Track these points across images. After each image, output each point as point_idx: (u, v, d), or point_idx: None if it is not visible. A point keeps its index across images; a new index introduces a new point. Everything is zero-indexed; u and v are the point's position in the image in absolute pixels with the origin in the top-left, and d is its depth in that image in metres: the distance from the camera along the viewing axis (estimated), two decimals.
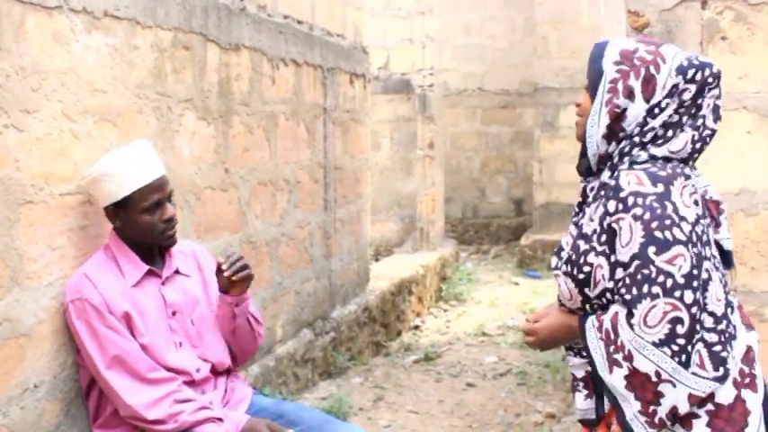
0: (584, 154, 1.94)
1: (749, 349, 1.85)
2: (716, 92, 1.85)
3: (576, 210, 2.00)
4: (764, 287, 2.73)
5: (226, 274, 2.60)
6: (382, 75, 8.11)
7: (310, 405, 3.91)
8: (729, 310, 1.83)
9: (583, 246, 1.86)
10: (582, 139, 1.92)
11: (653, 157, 1.83)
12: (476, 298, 7.85)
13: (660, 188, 1.76)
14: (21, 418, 2.38)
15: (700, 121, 1.84)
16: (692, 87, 1.82)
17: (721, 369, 1.76)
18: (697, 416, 1.77)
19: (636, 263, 1.74)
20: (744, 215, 2.70)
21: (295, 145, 4.60)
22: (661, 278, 1.71)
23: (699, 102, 1.83)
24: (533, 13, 9.95)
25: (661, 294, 1.71)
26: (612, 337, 1.78)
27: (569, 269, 1.87)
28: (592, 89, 1.88)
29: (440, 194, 8.66)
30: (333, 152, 5.22)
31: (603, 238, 1.81)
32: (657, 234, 1.72)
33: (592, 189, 1.93)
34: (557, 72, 9.51)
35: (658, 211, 1.74)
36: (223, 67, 3.72)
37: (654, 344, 1.71)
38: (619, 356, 1.76)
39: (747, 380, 1.80)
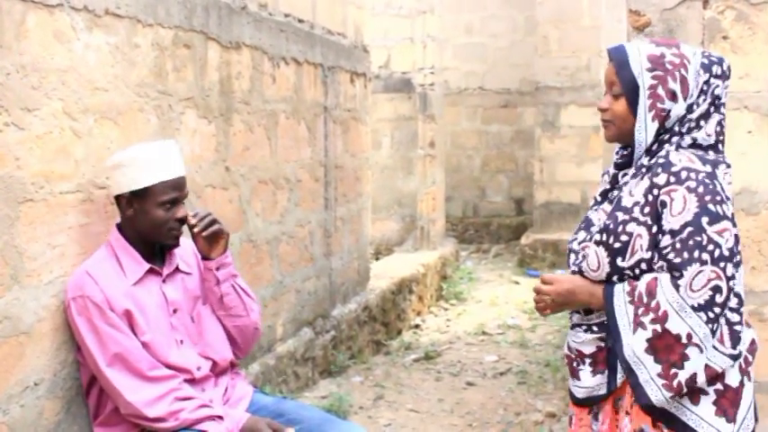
0: (622, 148, 2.09)
1: (753, 341, 1.99)
2: (728, 82, 2.04)
3: (598, 198, 2.12)
4: (764, 287, 2.73)
5: (195, 230, 2.62)
6: (383, 74, 8.11)
7: (310, 404, 3.91)
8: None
9: (621, 216, 1.94)
10: (614, 140, 2.07)
11: (694, 141, 1.98)
12: (476, 297, 7.85)
13: (709, 168, 1.92)
14: (21, 416, 2.38)
15: (722, 108, 2.02)
16: (720, 82, 2.00)
17: (738, 348, 1.90)
18: (705, 393, 1.90)
19: (689, 230, 1.86)
20: (744, 214, 2.70)
21: (296, 143, 4.60)
22: (711, 247, 1.85)
23: (724, 92, 2.02)
24: (534, 12, 9.94)
25: (709, 262, 1.84)
26: (646, 300, 1.89)
27: (604, 238, 1.96)
28: (630, 96, 1.98)
29: (440, 193, 8.66)
30: (333, 151, 5.22)
31: (647, 209, 1.92)
32: (710, 207, 1.86)
33: (624, 175, 2.05)
34: (557, 71, 9.51)
35: (710, 186, 1.88)
36: (224, 66, 3.72)
37: (693, 307, 1.84)
38: (647, 318, 1.88)
39: (749, 369, 1.95)
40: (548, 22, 9.55)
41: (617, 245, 1.94)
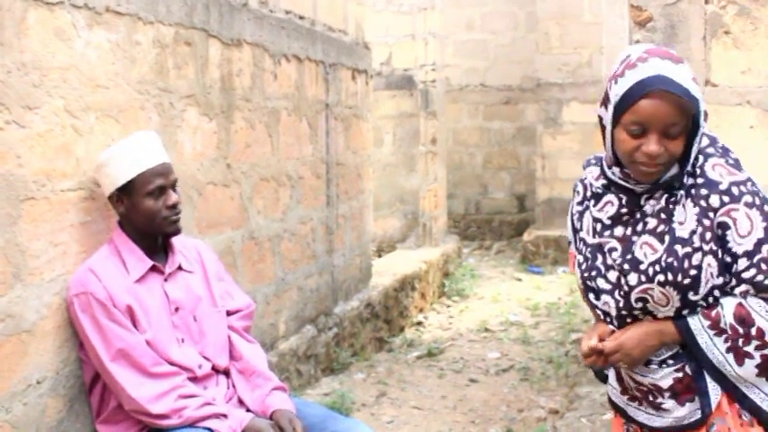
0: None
1: None
2: None
3: (606, 222, 1.93)
4: None
5: None
6: (384, 70, 8.10)
7: (313, 401, 3.91)
8: None
9: (682, 250, 1.82)
10: (657, 179, 1.84)
11: (708, 136, 1.89)
12: (478, 294, 7.85)
13: (745, 172, 1.84)
14: (23, 414, 2.38)
15: None
16: None
17: None
18: None
19: (766, 247, 1.78)
20: None
21: (297, 141, 4.60)
22: None
23: None
24: (535, 8, 9.93)
25: None
26: (742, 330, 1.80)
27: (671, 277, 1.82)
28: (690, 131, 1.80)
29: (442, 190, 8.66)
30: (335, 148, 5.22)
31: (708, 235, 1.80)
32: None
33: (649, 198, 1.88)
34: (559, 67, 9.49)
35: (761, 194, 1.81)
36: (225, 63, 3.71)
37: None
38: (751, 347, 1.80)
39: None
40: (549, 18, 9.54)
41: (687, 281, 1.81)
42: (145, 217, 2.55)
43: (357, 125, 5.72)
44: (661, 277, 1.82)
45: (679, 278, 1.81)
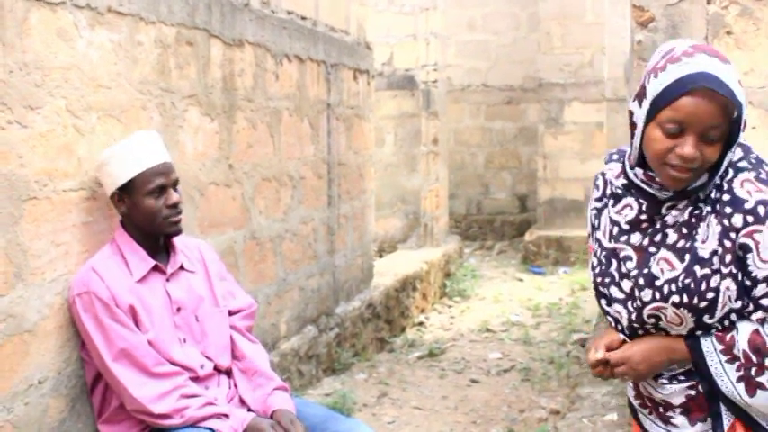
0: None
1: None
2: None
3: (624, 227, 1.82)
4: None
5: None
6: (386, 71, 8.10)
7: (314, 401, 3.91)
8: None
9: (701, 271, 1.70)
10: (686, 186, 1.72)
11: (742, 146, 1.76)
12: (480, 294, 7.85)
13: None
14: (25, 414, 2.38)
15: None
16: None
17: None
18: None
19: None
20: None
21: (299, 141, 4.60)
22: None
23: None
24: (537, 8, 9.93)
25: None
26: (755, 359, 1.70)
27: (686, 299, 1.71)
28: (730, 137, 1.69)
29: (444, 190, 8.66)
30: (336, 148, 5.22)
31: (728, 258, 1.69)
32: None
33: (671, 207, 1.77)
34: (560, 68, 9.50)
35: None
36: (227, 63, 3.71)
37: None
38: (764, 378, 1.69)
39: None
40: (550, 18, 9.54)
41: (703, 304, 1.70)
42: (146, 216, 2.56)
43: (359, 125, 5.72)
44: (676, 298, 1.72)
45: (695, 301, 1.71)
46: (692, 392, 1.80)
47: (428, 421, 4.41)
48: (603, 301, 1.87)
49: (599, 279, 1.87)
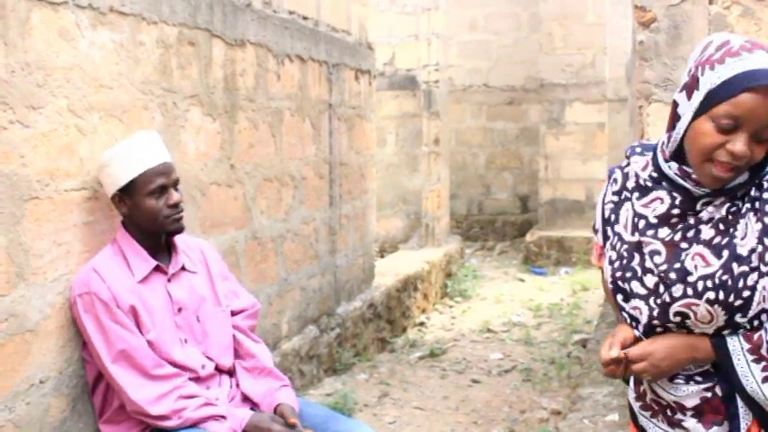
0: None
1: None
2: None
3: (653, 221, 1.76)
4: None
5: None
6: (388, 71, 8.10)
7: (315, 401, 3.91)
8: None
9: (739, 268, 1.66)
10: (725, 184, 1.68)
11: None
12: (481, 294, 7.85)
13: None
14: (26, 414, 2.38)
15: None
16: None
17: None
18: None
19: None
20: None
21: (300, 141, 4.60)
22: None
23: None
24: (538, 9, 9.93)
25: None
26: None
27: (722, 296, 1.67)
28: None
29: (445, 191, 8.66)
30: (338, 148, 5.22)
31: (767, 257, 1.65)
32: None
33: (707, 204, 1.72)
34: (562, 68, 9.50)
35: None
36: (228, 63, 3.72)
37: None
38: None
39: None
40: (552, 18, 9.54)
41: (738, 302, 1.66)
42: (147, 216, 2.56)
43: (360, 125, 5.72)
44: (711, 294, 1.67)
45: (731, 298, 1.66)
46: (708, 394, 1.76)
47: (429, 421, 4.41)
48: (620, 297, 1.80)
49: (618, 273, 1.80)
